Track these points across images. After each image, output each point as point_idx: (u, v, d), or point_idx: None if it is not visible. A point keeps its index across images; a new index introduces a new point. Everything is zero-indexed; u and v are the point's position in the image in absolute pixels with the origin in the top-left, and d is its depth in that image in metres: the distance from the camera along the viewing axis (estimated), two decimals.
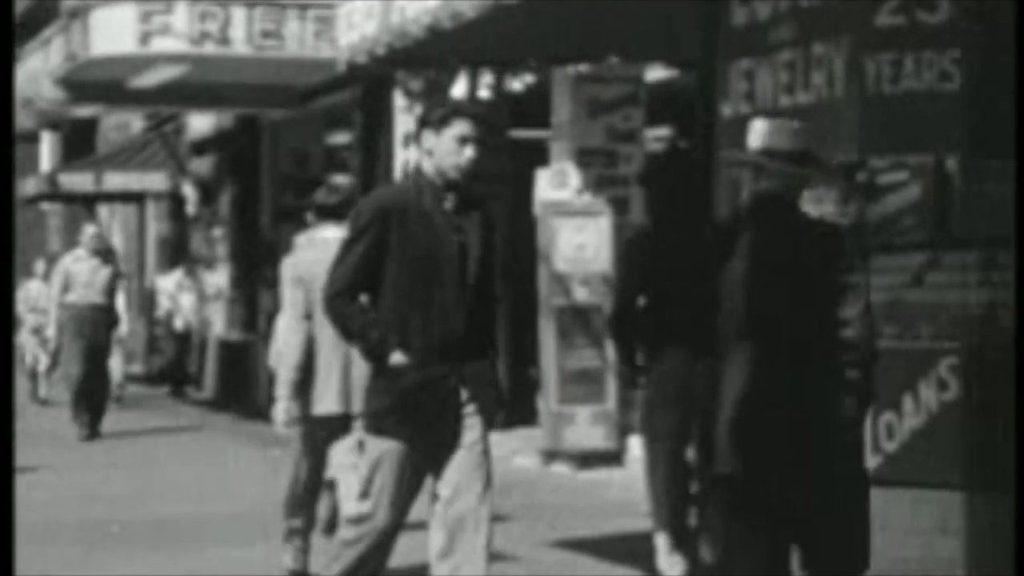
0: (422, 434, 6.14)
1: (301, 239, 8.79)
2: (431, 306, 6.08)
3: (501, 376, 6.56)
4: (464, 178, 6.19)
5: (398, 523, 6.24)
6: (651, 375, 8.15)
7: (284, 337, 8.17)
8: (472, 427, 6.19)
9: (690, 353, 7.64)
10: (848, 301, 5.52)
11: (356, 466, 8.07)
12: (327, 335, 7.80)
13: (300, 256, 8.28)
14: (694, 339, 7.72)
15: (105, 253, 17.07)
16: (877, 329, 5.74)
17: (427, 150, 6.20)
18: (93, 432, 16.23)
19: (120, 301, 16.77)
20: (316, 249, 8.21)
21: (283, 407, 8.01)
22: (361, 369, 7.71)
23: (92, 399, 16.37)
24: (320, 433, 8.13)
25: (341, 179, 8.87)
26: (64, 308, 16.34)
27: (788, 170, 5.65)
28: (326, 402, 8.04)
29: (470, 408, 6.18)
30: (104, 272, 16.39)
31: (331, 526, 9.28)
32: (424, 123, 6.24)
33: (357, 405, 7.91)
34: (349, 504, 7.21)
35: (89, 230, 17.03)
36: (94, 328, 16.27)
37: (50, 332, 16.72)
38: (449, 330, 6.09)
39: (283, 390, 8.00)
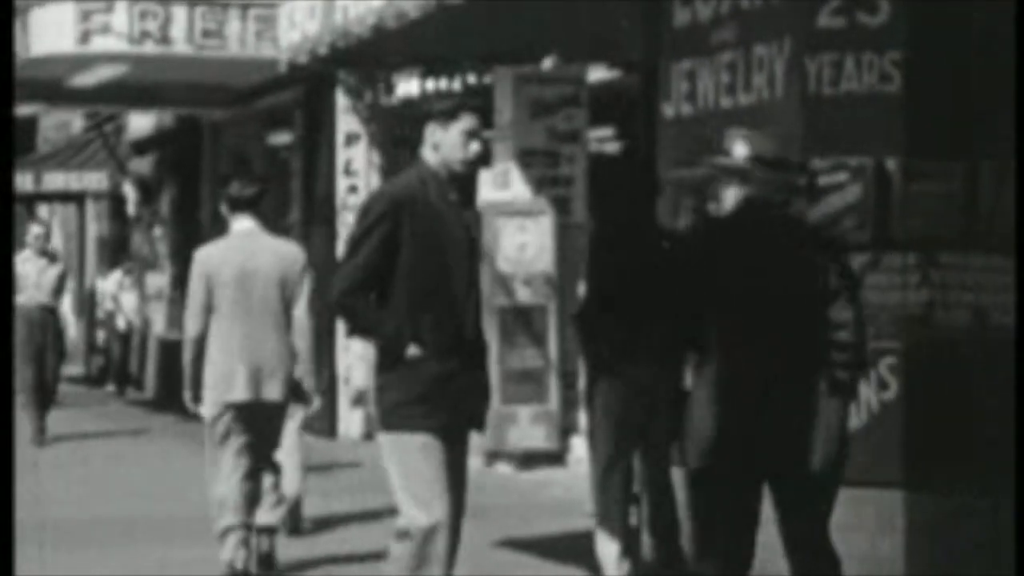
0: (444, 421, 6.06)
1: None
2: (442, 300, 6.06)
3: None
4: (468, 172, 6.22)
5: (455, 514, 6.12)
6: (606, 377, 8.14)
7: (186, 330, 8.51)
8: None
9: (646, 356, 7.69)
10: (842, 304, 5.59)
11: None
12: (233, 325, 8.22)
13: (210, 249, 8.57)
14: (650, 343, 7.78)
15: (52, 254, 16.92)
16: (868, 332, 5.81)
17: (433, 144, 6.17)
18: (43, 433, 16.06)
19: (66, 303, 16.58)
20: (226, 241, 8.55)
21: (188, 397, 8.45)
22: (271, 357, 8.23)
23: (42, 401, 16.22)
24: (230, 421, 8.27)
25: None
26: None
27: (775, 176, 5.74)
28: (236, 390, 8.21)
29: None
30: (51, 272, 16.26)
31: (295, 527, 9.55)
32: (430, 117, 6.22)
33: (269, 392, 8.24)
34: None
35: (35, 230, 16.86)
36: (42, 330, 16.16)
37: None
38: (459, 326, 6.09)
39: (187, 382, 8.43)
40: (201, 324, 8.28)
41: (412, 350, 6.00)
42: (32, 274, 16.12)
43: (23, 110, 23.57)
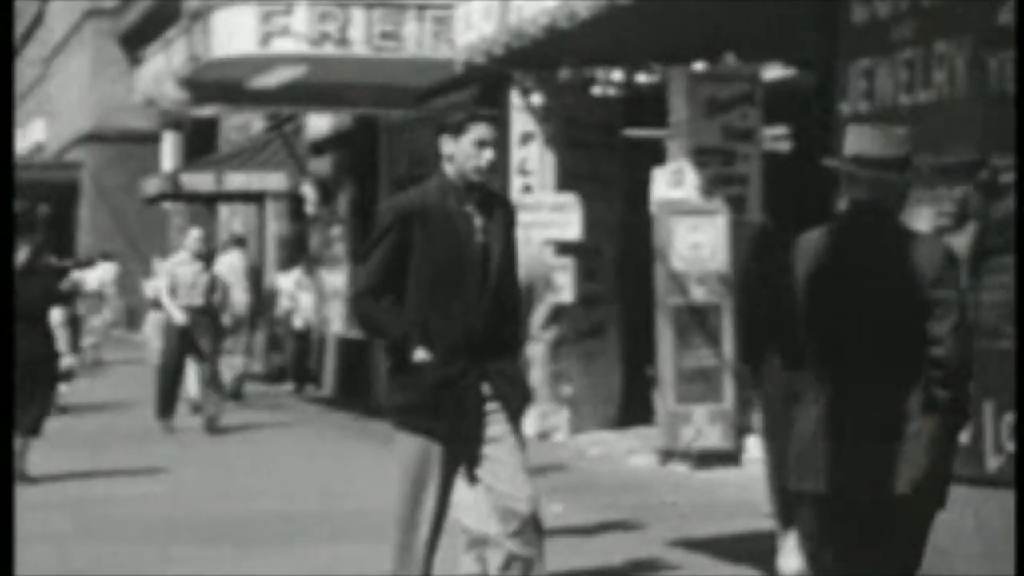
0: (446, 428, 6.31)
1: None
2: (453, 305, 6.29)
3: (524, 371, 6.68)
4: (485, 180, 6.42)
5: (442, 516, 6.37)
6: (770, 374, 8.11)
7: None
8: (498, 421, 6.35)
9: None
10: (937, 317, 5.24)
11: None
12: None
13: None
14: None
15: (207, 256, 17.58)
16: (970, 347, 5.36)
17: (448, 155, 6.43)
18: (212, 428, 16.58)
19: (237, 295, 17.12)
20: None
21: None
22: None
23: (178, 398, 16.88)
24: None
25: None
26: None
27: (882, 178, 5.39)
28: None
29: (494, 403, 6.34)
30: (205, 276, 16.84)
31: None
32: (443, 129, 6.48)
33: None
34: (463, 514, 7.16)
35: (193, 233, 17.49)
36: (195, 331, 16.70)
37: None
38: (470, 328, 6.28)
39: None
40: None
41: (419, 354, 6.27)
42: (188, 276, 16.76)
43: (205, 111, 24.04)
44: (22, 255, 12.67)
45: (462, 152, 6.41)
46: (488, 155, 6.41)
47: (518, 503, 6.28)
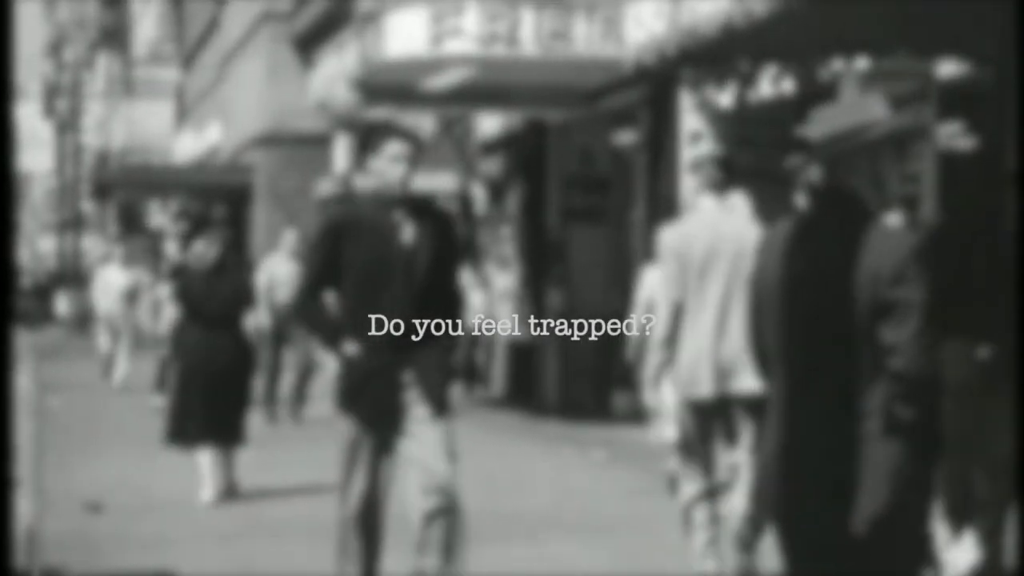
0: (371, 412, 7.05)
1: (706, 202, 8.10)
2: (380, 304, 6.95)
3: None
4: (402, 192, 7.04)
5: (374, 491, 7.16)
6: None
7: (656, 311, 7.74)
8: (423, 403, 7.03)
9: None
10: (894, 322, 4.47)
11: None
12: (698, 315, 7.59)
13: (679, 228, 7.83)
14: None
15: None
16: (932, 355, 4.54)
17: (370, 170, 7.10)
18: (274, 418, 17.67)
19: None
20: (696, 219, 7.77)
21: (649, 394, 7.93)
22: (733, 348, 7.48)
23: (277, 392, 17.91)
24: (695, 419, 7.68)
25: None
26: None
27: (822, 156, 4.74)
28: (701, 385, 7.58)
29: (419, 390, 7.01)
30: None
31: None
32: (363, 146, 7.15)
33: (735, 384, 7.55)
34: None
35: (289, 235, 18.09)
36: (289, 324, 17.50)
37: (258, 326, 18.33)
38: (395, 324, 6.94)
39: (650, 372, 7.79)
40: (676, 305, 7.64)
41: (348, 348, 7.00)
42: (284, 274, 17.50)
43: (376, 113, 24.24)
44: (212, 252, 11.69)
45: (380, 168, 7.03)
46: (399, 170, 7.00)
47: (436, 476, 7.04)
